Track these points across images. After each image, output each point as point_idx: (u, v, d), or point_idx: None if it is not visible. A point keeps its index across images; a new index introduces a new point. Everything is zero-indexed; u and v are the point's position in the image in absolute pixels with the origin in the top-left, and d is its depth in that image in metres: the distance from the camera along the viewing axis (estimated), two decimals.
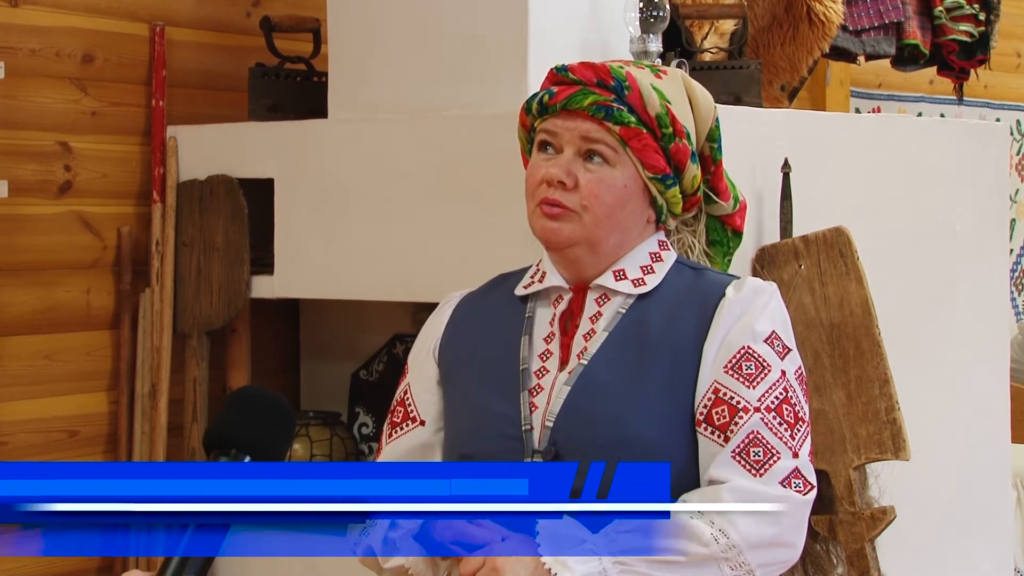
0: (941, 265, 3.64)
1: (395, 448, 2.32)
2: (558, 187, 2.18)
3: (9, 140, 3.42)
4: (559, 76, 2.23)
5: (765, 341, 2.15)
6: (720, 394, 2.12)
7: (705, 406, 2.13)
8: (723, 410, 2.11)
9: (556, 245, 2.21)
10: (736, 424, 2.10)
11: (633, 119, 2.17)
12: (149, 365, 3.58)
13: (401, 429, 2.32)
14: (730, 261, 2.39)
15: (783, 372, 2.15)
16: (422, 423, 2.30)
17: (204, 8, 3.76)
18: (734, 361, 2.13)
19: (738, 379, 2.13)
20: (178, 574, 1.60)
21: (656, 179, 2.20)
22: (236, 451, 1.68)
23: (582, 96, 2.18)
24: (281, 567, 3.50)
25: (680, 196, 2.24)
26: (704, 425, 2.13)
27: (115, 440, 3.58)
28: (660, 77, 2.24)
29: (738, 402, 2.11)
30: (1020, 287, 6.86)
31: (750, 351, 2.14)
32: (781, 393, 2.13)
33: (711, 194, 2.30)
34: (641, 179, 2.20)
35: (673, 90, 2.24)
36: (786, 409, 2.13)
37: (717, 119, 2.28)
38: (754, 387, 2.12)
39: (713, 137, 2.28)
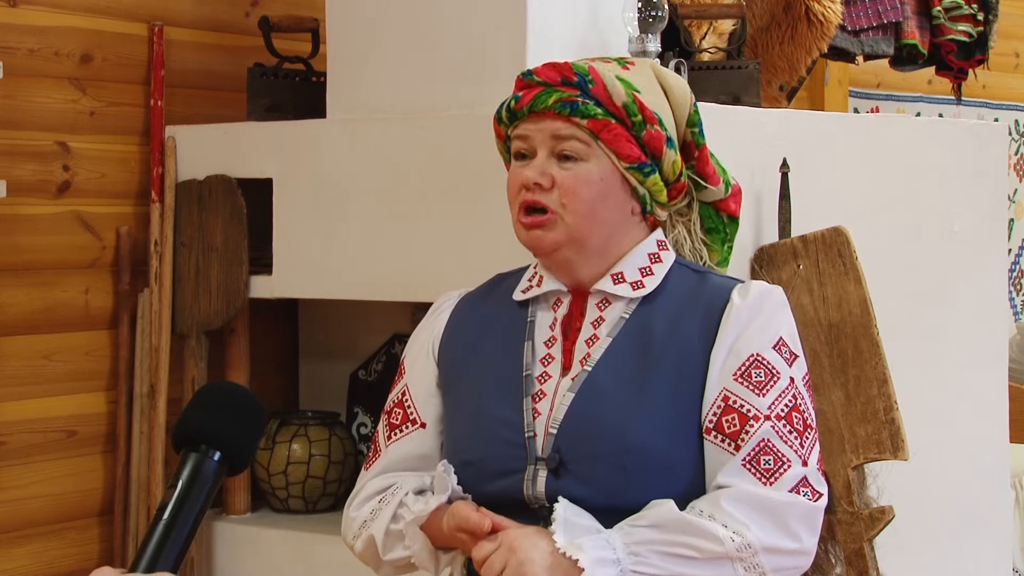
0: (940, 265, 3.64)
1: (396, 451, 2.31)
2: (535, 189, 2.18)
3: (8, 140, 3.41)
4: (525, 81, 2.24)
5: (773, 348, 2.15)
6: (730, 402, 2.12)
7: (715, 414, 2.12)
8: (733, 418, 2.11)
9: (543, 251, 2.21)
10: (747, 432, 2.09)
11: (600, 111, 2.17)
12: (148, 365, 3.58)
13: (400, 431, 2.31)
14: (731, 248, 2.37)
15: (791, 379, 2.15)
16: (423, 425, 2.30)
17: (203, 8, 3.76)
18: (743, 368, 2.13)
19: (748, 387, 2.12)
20: (152, 567, 1.58)
21: (633, 168, 2.19)
22: (206, 447, 1.67)
23: (546, 95, 2.19)
24: (280, 567, 3.50)
25: (662, 184, 2.23)
26: (714, 433, 2.12)
27: (114, 440, 3.58)
28: (627, 68, 2.24)
29: (748, 410, 2.11)
30: (1019, 287, 6.86)
31: (759, 358, 2.14)
32: (790, 401, 2.13)
33: (699, 180, 2.29)
34: (618, 171, 2.19)
35: (642, 80, 2.23)
36: (795, 417, 2.13)
37: (695, 103, 2.28)
38: (764, 395, 2.12)
39: (693, 122, 2.26)
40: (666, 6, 3.17)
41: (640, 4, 3.15)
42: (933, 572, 3.57)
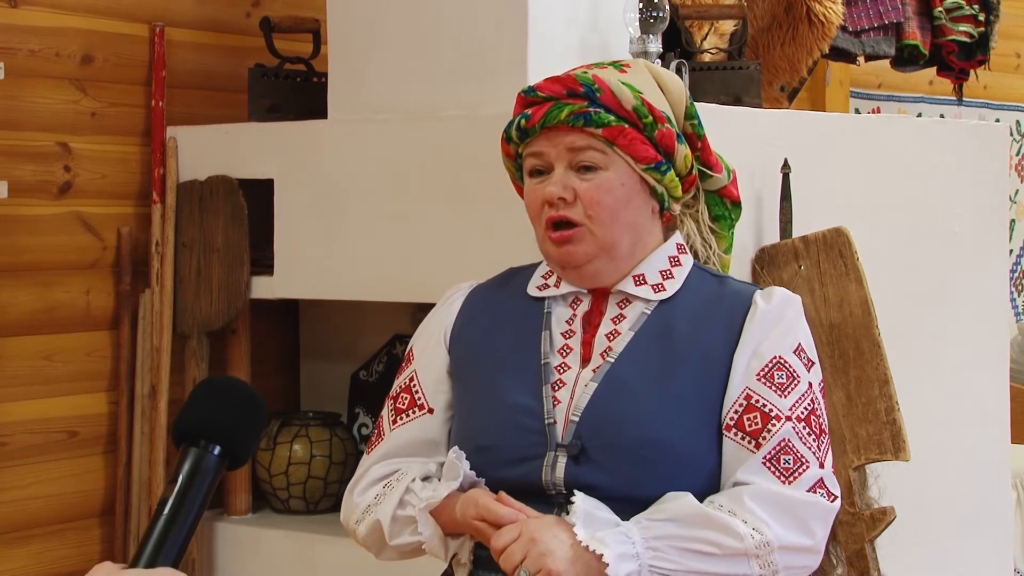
0: (941, 266, 3.64)
1: (401, 435, 2.32)
2: (560, 204, 2.20)
3: (9, 141, 3.42)
4: (529, 98, 2.25)
5: (794, 352, 2.18)
6: (752, 400, 2.15)
7: (736, 411, 2.15)
8: (755, 416, 2.14)
9: (575, 265, 2.23)
10: (769, 431, 2.12)
11: (612, 118, 2.19)
12: (149, 366, 3.58)
13: (407, 416, 2.32)
14: (733, 234, 2.41)
15: (810, 384, 2.18)
16: (430, 411, 2.31)
17: (204, 8, 3.76)
18: (766, 370, 2.16)
19: (770, 387, 2.15)
20: (152, 562, 1.58)
21: (651, 169, 2.22)
22: (205, 442, 1.66)
23: (557, 110, 2.20)
24: (281, 568, 3.50)
25: (677, 179, 2.26)
26: (734, 430, 2.15)
27: (115, 441, 3.58)
28: (624, 72, 2.26)
29: (770, 410, 2.14)
30: (1020, 287, 6.86)
31: (781, 361, 2.17)
32: (809, 404, 2.17)
33: (705, 170, 2.32)
34: (636, 173, 2.22)
35: (641, 80, 2.26)
36: (813, 420, 2.17)
37: (690, 96, 2.31)
38: (786, 396, 2.15)
39: (691, 114, 2.30)
40: (667, 7, 3.17)
41: (641, 5, 3.15)
42: (934, 572, 3.57)
